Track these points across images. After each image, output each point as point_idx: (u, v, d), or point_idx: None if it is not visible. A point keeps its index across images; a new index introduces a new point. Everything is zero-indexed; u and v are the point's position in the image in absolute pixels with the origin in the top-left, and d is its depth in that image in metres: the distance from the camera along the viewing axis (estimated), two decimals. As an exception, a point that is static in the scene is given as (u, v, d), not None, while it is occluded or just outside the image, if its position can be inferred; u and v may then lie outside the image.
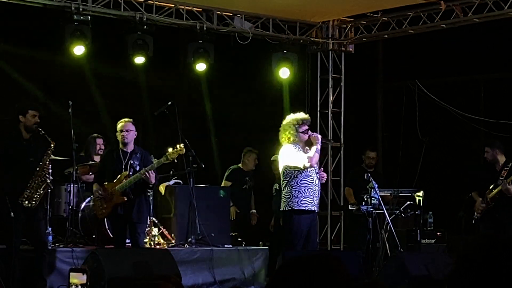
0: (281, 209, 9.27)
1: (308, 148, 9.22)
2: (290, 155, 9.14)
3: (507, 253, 2.20)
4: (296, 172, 9.14)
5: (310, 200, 9.11)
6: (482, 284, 2.17)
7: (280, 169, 9.31)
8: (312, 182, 9.15)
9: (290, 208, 9.12)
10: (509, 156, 10.72)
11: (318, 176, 9.27)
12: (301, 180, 9.13)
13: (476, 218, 10.67)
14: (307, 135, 9.21)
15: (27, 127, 8.91)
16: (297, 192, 9.12)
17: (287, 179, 9.19)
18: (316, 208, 9.22)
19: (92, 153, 11.29)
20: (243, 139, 13.41)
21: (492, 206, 10.52)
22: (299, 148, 9.18)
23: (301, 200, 9.10)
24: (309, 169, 9.11)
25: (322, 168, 9.67)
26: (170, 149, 9.45)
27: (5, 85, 11.81)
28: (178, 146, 9.48)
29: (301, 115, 9.34)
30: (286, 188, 9.19)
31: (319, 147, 9.18)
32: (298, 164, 9.10)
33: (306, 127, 9.23)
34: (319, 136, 9.32)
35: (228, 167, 12.53)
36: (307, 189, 9.12)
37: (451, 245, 11.23)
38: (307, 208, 9.11)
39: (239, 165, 12.43)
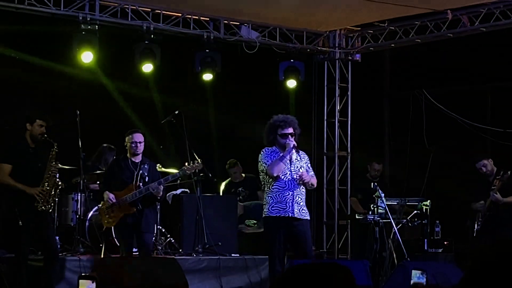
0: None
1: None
2: (260, 159, 8.65)
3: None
4: (268, 177, 8.61)
5: (283, 206, 8.53)
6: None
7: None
8: (284, 187, 8.54)
9: (264, 215, 8.66)
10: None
11: (297, 179, 8.58)
12: (273, 186, 8.58)
13: (476, 230, 10.69)
14: (286, 139, 8.58)
15: (33, 136, 8.88)
16: (269, 198, 8.57)
17: (263, 184, 8.73)
18: (293, 214, 8.52)
19: (103, 163, 11.21)
20: (248, 149, 13.38)
21: (488, 217, 10.55)
22: (273, 152, 8.63)
23: (273, 207, 8.53)
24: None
25: (301, 172, 8.65)
26: (186, 164, 9.44)
27: (13, 94, 11.84)
28: (196, 161, 9.44)
29: (283, 116, 8.72)
30: (264, 194, 8.73)
31: (287, 155, 8.53)
32: (263, 170, 8.63)
33: (290, 130, 8.59)
34: (292, 144, 8.55)
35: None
36: (279, 195, 8.54)
37: (459, 254, 11.21)
38: (279, 215, 8.54)
39: (229, 179, 12.43)
